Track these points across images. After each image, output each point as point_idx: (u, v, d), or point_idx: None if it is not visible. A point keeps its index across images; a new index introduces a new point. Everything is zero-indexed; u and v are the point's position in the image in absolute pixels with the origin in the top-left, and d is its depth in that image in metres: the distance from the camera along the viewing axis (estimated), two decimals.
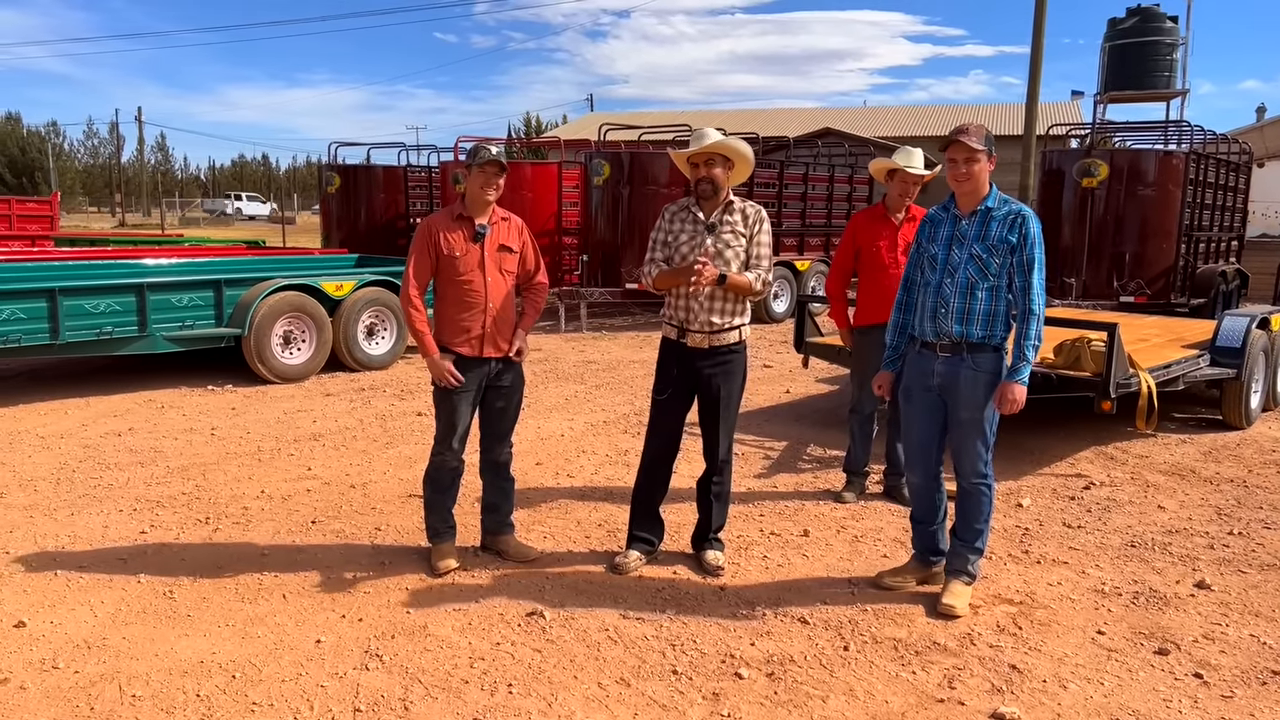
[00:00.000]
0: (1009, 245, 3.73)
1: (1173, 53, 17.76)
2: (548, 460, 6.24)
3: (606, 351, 11.03)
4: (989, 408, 3.82)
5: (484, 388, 4.30)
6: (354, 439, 6.77)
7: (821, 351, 7.19)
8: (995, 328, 3.81)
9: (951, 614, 3.82)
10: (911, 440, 4.13)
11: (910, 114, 35.23)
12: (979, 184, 3.81)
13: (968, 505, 3.95)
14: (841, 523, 5.05)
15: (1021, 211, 3.77)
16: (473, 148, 4.22)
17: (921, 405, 4.03)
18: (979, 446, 3.87)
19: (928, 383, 3.96)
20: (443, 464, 4.34)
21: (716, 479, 4.39)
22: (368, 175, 16.00)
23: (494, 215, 4.29)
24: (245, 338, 8.49)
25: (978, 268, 3.78)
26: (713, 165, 4.14)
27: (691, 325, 4.18)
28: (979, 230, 3.81)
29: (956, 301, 3.82)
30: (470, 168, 4.16)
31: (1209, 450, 6.75)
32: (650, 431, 4.40)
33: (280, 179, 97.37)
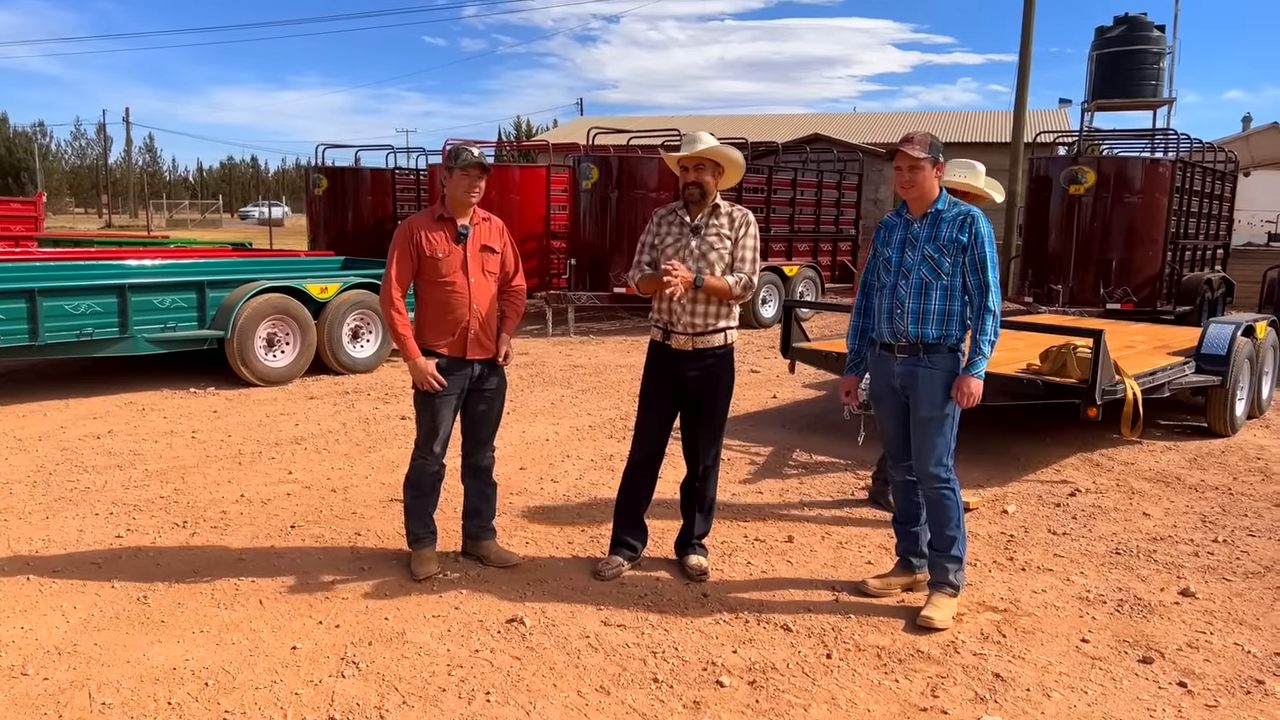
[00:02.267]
0: (959, 245, 3.79)
1: (1159, 61, 17.87)
2: (532, 465, 6.19)
3: (593, 356, 10.98)
4: (948, 406, 3.85)
5: (466, 391, 4.25)
6: (336, 442, 6.71)
7: (809, 357, 7.16)
8: (950, 327, 3.85)
9: (930, 626, 3.79)
10: (887, 439, 4.16)
11: (899, 121, 35.31)
12: (924, 190, 3.87)
13: (934, 512, 3.95)
14: (826, 529, 5.02)
15: (970, 212, 3.84)
16: (454, 149, 4.18)
17: (890, 407, 4.07)
18: (938, 446, 3.87)
19: (891, 383, 4.00)
20: (424, 468, 4.29)
21: (699, 484, 4.35)
22: (355, 177, 15.93)
23: (475, 216, 4.25)
24: (228, 340, 8.41)
25: (930, 268, 3.83)
26: (702, 170, 4.13)
27: (675, 327, 4.16)
28: (930, 232, 3.86)
29: (911, 302, 3.87)
30: (452, 170, 4.12)
31: (1194, 457, 6.75)
32: (635, 435, 4.37)
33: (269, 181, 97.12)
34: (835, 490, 5.73)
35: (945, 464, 3.89)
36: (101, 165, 70.90)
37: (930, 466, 3.89)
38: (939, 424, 3.86)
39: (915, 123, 34.16)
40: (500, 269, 4.31)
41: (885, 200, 21.01)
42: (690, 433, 4.31)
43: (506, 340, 4.32)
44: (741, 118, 34.47)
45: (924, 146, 3.82)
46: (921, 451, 3.91)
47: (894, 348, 3.95)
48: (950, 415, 3.87)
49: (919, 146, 3.83)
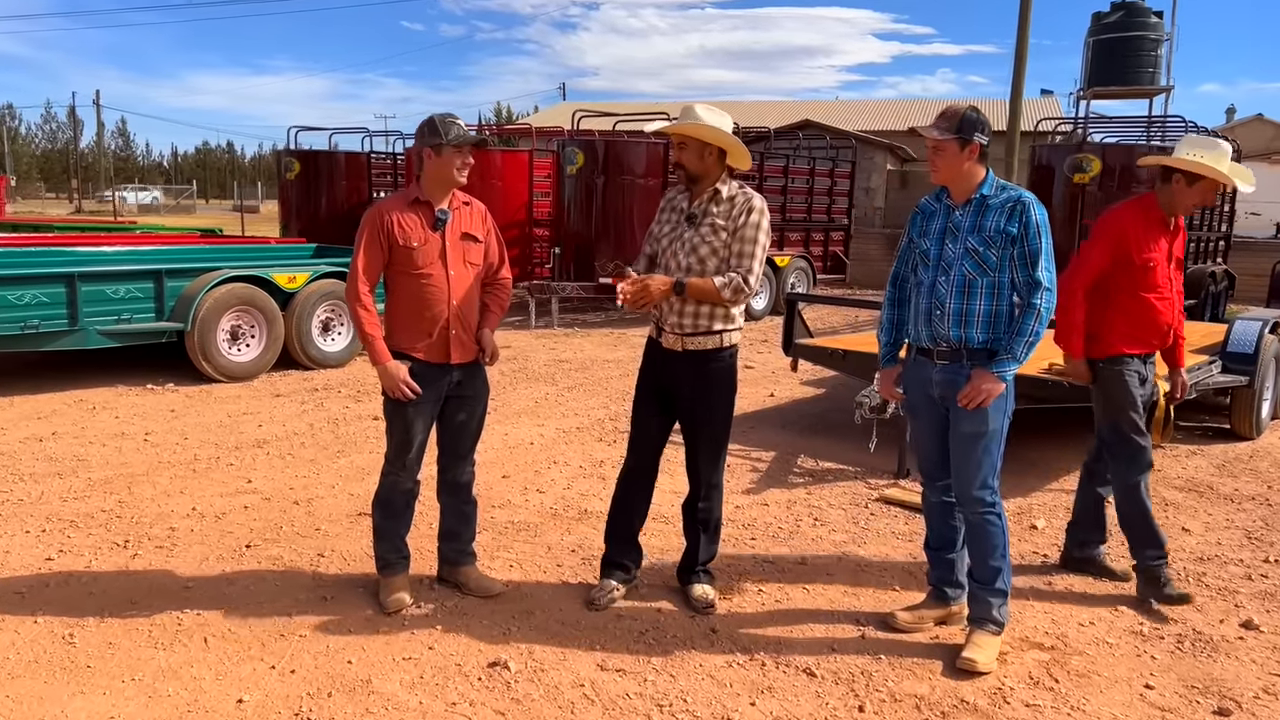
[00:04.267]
0: (1008, 236, 3.29)
1: (1157, 49, 17.49)
2: (515, 473, 5.68)
3: (579, 349, 10.47)
4: (994, 421, 3.36)
5: (444, 398, 3.74)
6: (302, 446, 6.17)
7: (812, 354, 6.69)
8: (999, 331, 3.35)
9: (973, 669, 3.31)
10: (922, 456, 3.68)
11: (887, 108, 34.91)
12: (954, 174, 3.38)
13: (976, 540, 3.47)
14: (841, 548, 4.55)
15: (1021, 198, 3.32)
16: (440, 121, 3.56)
17: (927, 419, 3.58)
18: (982, 466, 3.39)
19: (928, 392, 3.51)
20: (395, 485, 3.78)
21: (702, 504, 3.86)
22: (329, 161, 15.29)
23: (454, 200, 3.72)
24: (188, 333, 7.84)
25: (974, 262, 3.34)
26: (684, 150, 3.58)
27: (664, 323, 3.67)
28: (974, 221, 3.35)
29: (953, 302, 3.37)
30: (440, 147, 3.55)
31: (1222, 463, 6.33)
32: (630, 444, 3.89)
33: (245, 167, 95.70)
34: (847, 501, 5.26)
35: (990, 485, 3.41)
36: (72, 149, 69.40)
37: (973, 489, 3.41)
38: (983, 441, 3.37)
39: (905, 110, 33.68)
40: (484, 259, 3.79)
41: (877, 189, 20.58)
42: (690, 446, 3.82)
43: (490, 337, 3.80)
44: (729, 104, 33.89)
45: (949, 124, 3.32)
46: (963, 471, 3.43)
47: (933, 353, 3.46)
48: (997, 431, 3.38)
49: (940, 125, 3.34)
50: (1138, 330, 3.98)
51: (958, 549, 3.66)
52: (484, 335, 3.78)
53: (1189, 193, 3.91)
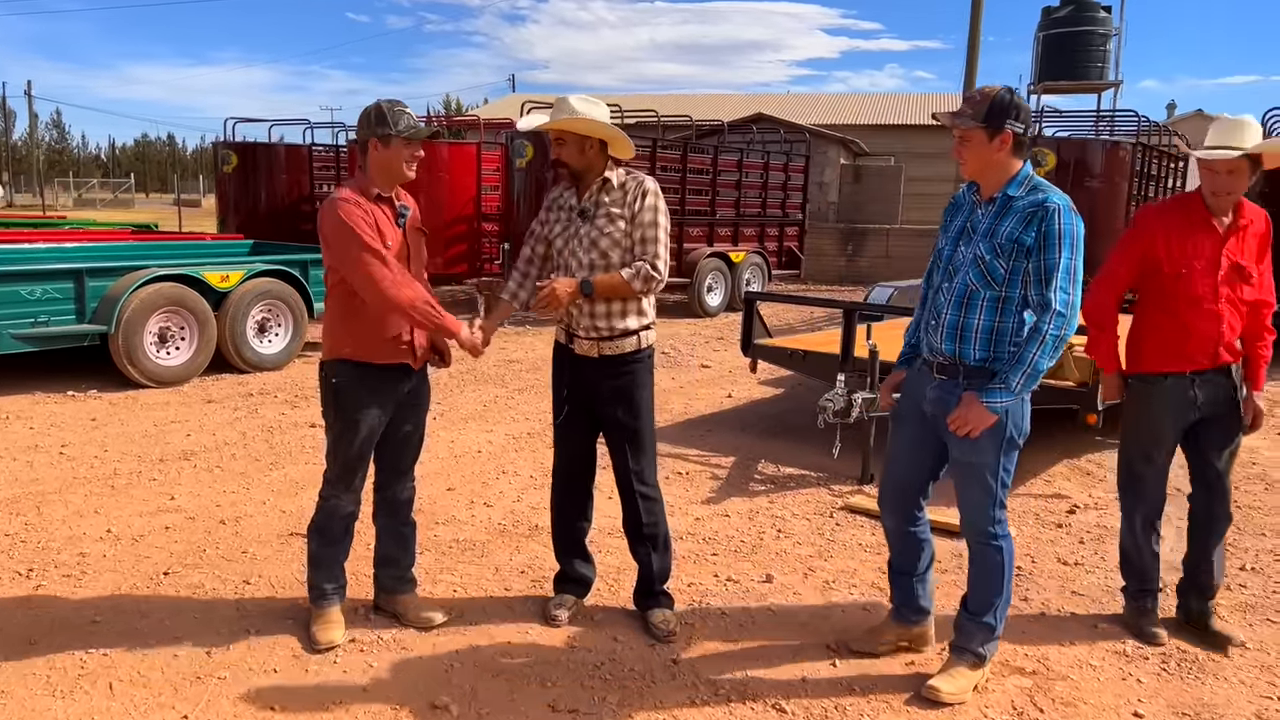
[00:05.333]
0: (1021, 247, 2.88)
1: (1105, 44, 17.62)
2: (461, 484, 5.35)
3: (530, 348, 10.15)
4: (988, 452, 3.02)
5: (395, 407, 3.43)
6: (232, 458, 5.78)
7: (771, 355, 6.45)
8: (1001, 349, 2.97)
9: (935, 698, 3.06)
10: (891, 472, 3.38)
11: (842, 103, 34.88)
12: (982, 167, 2.98)
13: (976, 569, 3.19)
14: (808, 563, 4.30)
15: (1046, 202, 2.87)
16: (389, 109, 3.22)
17: (909, 433, 3.28)
18: (983, 496, 3.08)
19: (919, 409, 3.20)
20: (337, 510, 3.44)
21: (646, 520, 3.58)
22: (268, 154, 14.72)
23: (400, 192, 3.40)
24: (112, 336, 7.37)
25: (979, 272, 2.96)
26: (562, 145, 3.33)
27: (576, 329, 3.41)
28: (991, 224, 2.96)
29: (949, 313, 3.02)
30: (389, 139, 3.21)
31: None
32: (555, 447, 3.67)
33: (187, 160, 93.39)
34: (811, 510, 5.02)
35: (994, 516, 3.10)
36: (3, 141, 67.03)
37: (975, 520, 3.13)
38: (982, 470, 3.05)
39: (854, 105, 33.65)
40: (427, 254, 3.54)
41: (831, 184, 20.47)
42: (617, 456, 3.55)
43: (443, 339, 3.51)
44: (682, 96, 33.69)
45: (976, 110, 2.92)
46: (964, 502, 3.15)
47: (932, 366, 3.14)
48: (994, 463, 3.03)
49: (966, 111, 2.94)
50: (1170, 346, 3.52)
51: (921, 571, 3.40)
52: (437, 338, 3.50)
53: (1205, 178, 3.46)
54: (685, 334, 11.49)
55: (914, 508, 3.34)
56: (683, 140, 13.99)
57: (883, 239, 18.25)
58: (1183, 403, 3.55)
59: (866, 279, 17.91)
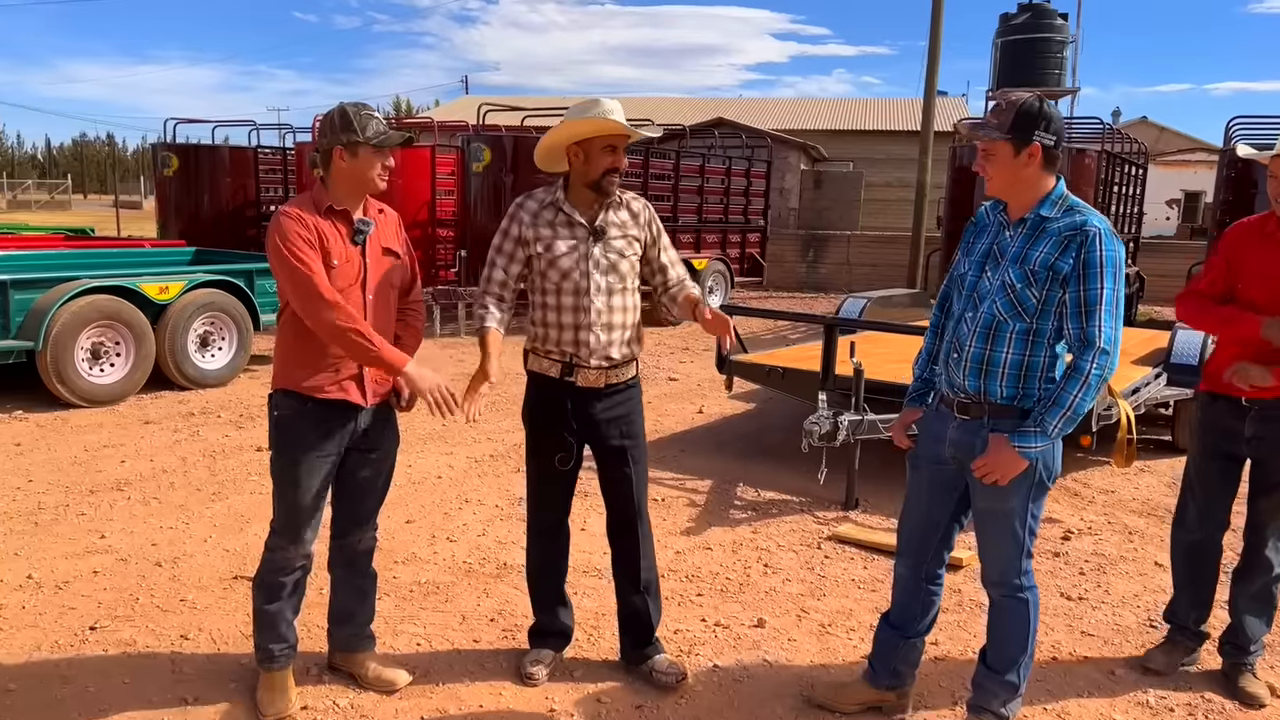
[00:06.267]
0: (1057, 275, 2.59)
1: (1063, 50, 17.70)
2: (421, 516, 4.98)
3: None
4: (1018, 495, 2.72)
5: (345, 450, 3.05)
6: (171, 487, 5.33)
7: (748, 372, 6.17)
8: (1031, 386, 2.68)
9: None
10: (909, 518, 3.05)
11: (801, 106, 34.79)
12: (1009, 184, 2.66)
13: (998, 623, 2.90)
14: (801, 604, 4.01)
15: (1086, 225, 2.56)
16: (355, 114, 2.84)
17: (928, 478, 2.94)
18: (1010, 547, 2.78)
19: (939, 452, 2.87)
20: (283, 564, 3.05)
21: (644, 562, 3.29)
22: (212, 156, 14.12)
23: (368, 206, 3.02)
24: (40, 352, 6.85)
25: (1008, 301, 2.65)
26: (618, 152, 3.02)
27: (586, 359, 3.07)
28: (1022, 247, 2.65)
29: (974, 345, 2.71)
30: (356, 146, 2.83)
31: (1172, 481, 6.05)
32: (537, 501, 3.30)
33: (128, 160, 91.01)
34: (797, 541, 4.73)
35: (1020, 566, 2.81)
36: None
37: (998, 573, 2.84)
38: (1009, 519, 2.75)
39: (813, 110, 33.62)
40: (400, 278, 3.12)
41: (792, 189, 20.31)
42: (616, 497, 3.25)
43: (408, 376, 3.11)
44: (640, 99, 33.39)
45: (1001, 121, 2.60)
46: (988, 553, 2.86)
47: (953, 404, 2.83)
48: (1020, 509, 2.74)
49: (991, 122, 2.64)
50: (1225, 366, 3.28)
51: (920, 631, 3.09)
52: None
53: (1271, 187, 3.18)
54: (649, 344, 11.17)
55: (936, 563, 3.03)
56: (645, 143, 13.69)
57: (843, 245, 18.13)
58: (1229, 433, 3.31)
59: (827, 286, 17.80)
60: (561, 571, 3.40)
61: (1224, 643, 3.47)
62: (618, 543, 3.30)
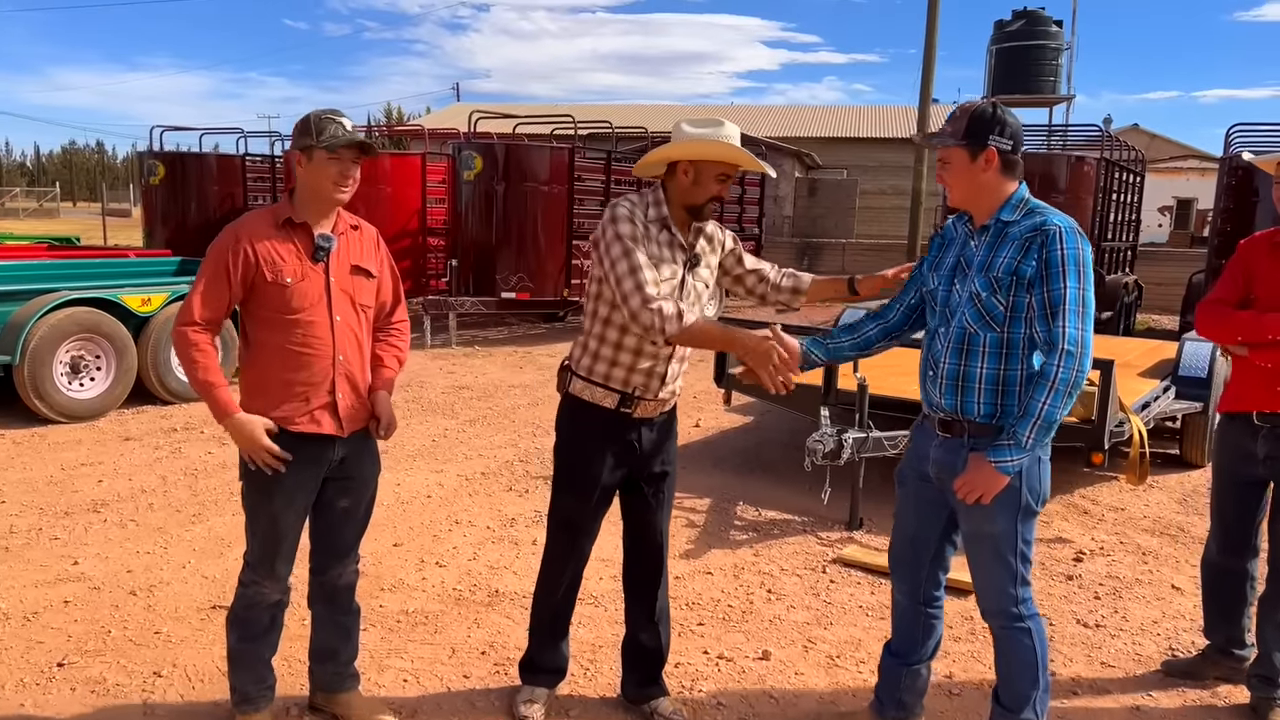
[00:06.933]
0: (1021, 279, 2.50)
1: (1058, 57, 17.63)
2: (409, 539, 4.79)
3: (481, 373, 9.56)
4: (1005, 516, 2.59)
5: (322, 481, 2.86)
6: (150, 508, 5.13)
7: (748, 387, 5.97)
8: (1009, 402, 2.57)
9: None
10: (899, 538, 2.94)
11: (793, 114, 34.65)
12: (968, 192, 2.61)
13: (1004, 657, 2.75)
14: (807, 633, 3.83)
15: (1046, 225, 2.49)
16: (315, 119, 2.69)
17: (914, 495, 2.85)
18: (1001, 574, 2.64)
19: (925, 469, 2.77)
20: (258, 599, 2.86)
21: (662, 601, 3.14)
22: (199, 164, 13.93)
23: (340, 222, 2.84)
24: (17, 367, 6.64)
25: (976, 312, 2.56)
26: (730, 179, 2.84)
27: (652, 393, 2.88)
28: (986, 255, 2.58)
29: (949, 361, 2.62)
30: (311, 151, 2.68)
31: (1182, 498, 5.90)
32: (567, 547, 3.07)
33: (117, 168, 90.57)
34: (801, 564, 4.56)
35: (1015, 594, 2.66)
36: None
37: (992, 601, 2.70)
38: (997, 543, 2.63)
39: (806, 117, 33.55)
40: (376, 300, 2.93)
41: (785, 197, 20.18)
42: (648, 528, 3.07)
43: (386, 403, 2.91)
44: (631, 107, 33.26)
45: (956, 128, 2.58)
46: (981, 582, 2.72)
47: (935, 421, 2.73)
48: (1010, 532, 2.61)
49: (946, 130, 2.61)
50: (1243, 385, 3.21)
51: (924, 658, 2.95)
52: (379, 400, 2.90)
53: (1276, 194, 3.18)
54: None
55: (932, 585, 2.89)
56: (639, 152, 13.54)
57: (838, 253, 18.01)
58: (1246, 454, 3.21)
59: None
60: (569, 614, 3.21)
61: (1251, 675, 3.31)
62: (639, 572, 3.11)
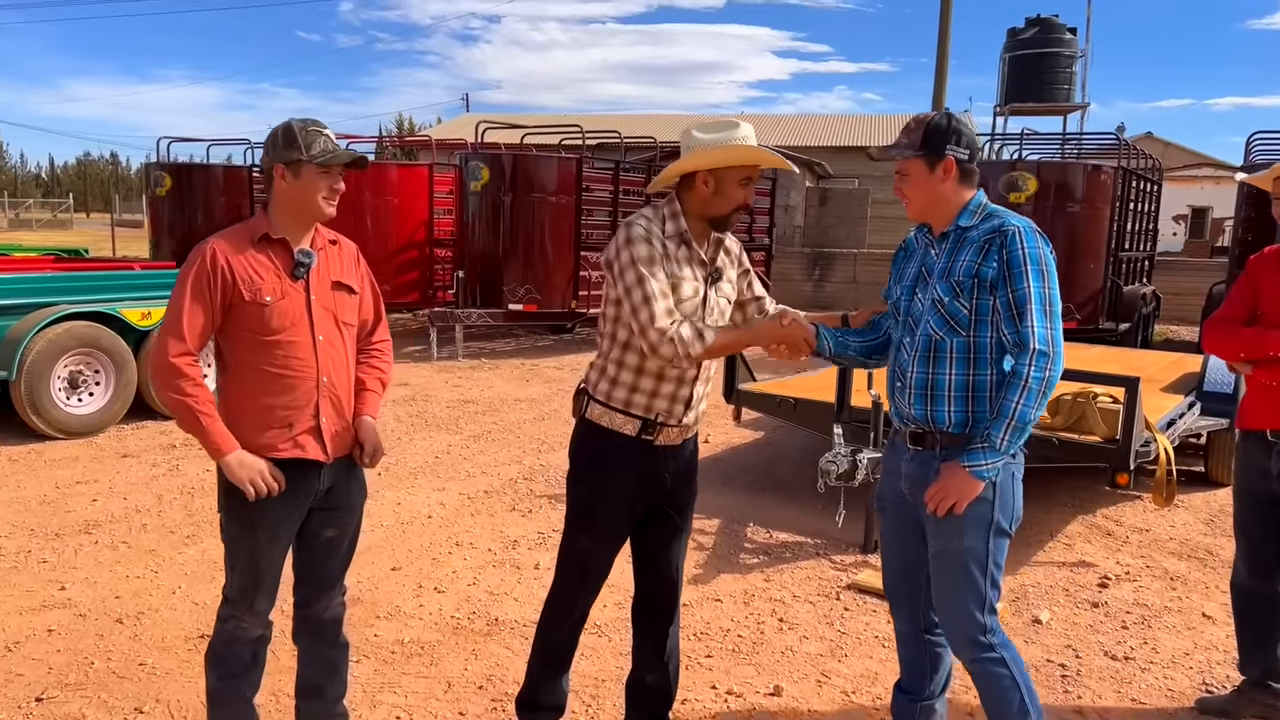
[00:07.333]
0: (982, 282, 2.43)
1: (1072, 65, 17.44)
2: (408, 562, 4.63)
3: (487, 386, 9.41)
4: (976, 534, 2.47)
5: (306, 510, 2.70)
6: (143, 529, 4.99)
7: (758, 402, 5.83)
8: (981, 409, 2.48)
9: None
10: (887, 564, 2.81)
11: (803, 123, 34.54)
12: (928, 204, 2.53)
13: (984, 695, 2.58)
14: (820, 666, 3.65)
15: (1003, 227, 2.43)
16: (300, 130, 2.53)
17: (894, 517, 2.72)
18: (966, 595, 2.49)
19: (899, 486, 2.66)
20: (239, 635, 2.70)
21: (672, 629, 2.95)
22: (205, 176, 13.85)
23: (317, 237, 2.70)
24: (13, 383, 6.52)
25: (939, 318, 2.50)
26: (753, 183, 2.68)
27: (679, 418, 2.70)
28: (946, 261, 2.52)
29: (916, 370, 2.54)
30: (298, 165, 2.53)
31: (1209, 518, 5.70)
32: (579, 583, 2.87)
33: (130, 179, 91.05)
34: (814, 590, 4.38)
35: (982, 621, 2.50)
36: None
37: (957, 628, 2.54)
38: (965, 559, 2.48)
39: (816, 126, 33.46)
40: (358, 317, 2.78)
41: (796, 207, 20.01)
42: (662, 558, 2.89)
43: (371, 429, 2.76)
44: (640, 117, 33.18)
45: (911, 139, 2.50)
46: (943, 604, 2.57)
47: (905, 435, 2.62)
48: (977, 549, 2.47)
49: (902, 142, 2.53)
50: (1256, 402, 3.14)
51: (935, 693, 2.77)
52: (364, 426, 2.74)
53: None
54: None
55: (931, 608, 2.72)
56: (647, 162, 13.42)
57: (850, 263, 17.82)
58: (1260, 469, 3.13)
59: (834, 305, 17.45)
60: (577, 641, 3.02)
61: None
62: (651, 607, 2.93)
